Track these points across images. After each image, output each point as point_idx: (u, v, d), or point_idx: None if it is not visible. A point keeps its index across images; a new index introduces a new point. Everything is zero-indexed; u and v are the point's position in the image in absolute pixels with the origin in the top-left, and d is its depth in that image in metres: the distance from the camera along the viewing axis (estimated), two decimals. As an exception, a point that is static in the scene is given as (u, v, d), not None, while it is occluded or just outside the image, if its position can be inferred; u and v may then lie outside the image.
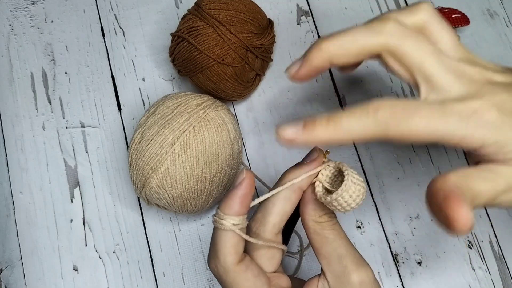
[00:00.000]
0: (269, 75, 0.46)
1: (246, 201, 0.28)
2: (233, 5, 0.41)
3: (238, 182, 0.28)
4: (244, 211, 0.28)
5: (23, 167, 0.45)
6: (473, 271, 0.41)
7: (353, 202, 0.28)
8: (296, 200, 0.30)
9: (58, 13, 0.49)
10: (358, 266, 0.28)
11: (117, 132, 0.46)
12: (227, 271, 0.27)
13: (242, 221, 0.27)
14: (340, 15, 0.48)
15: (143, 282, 0.42)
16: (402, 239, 0.42)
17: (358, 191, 0.28)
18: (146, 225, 0.43)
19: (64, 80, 0.47)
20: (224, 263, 0.27)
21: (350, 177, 0.28)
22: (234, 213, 0.27)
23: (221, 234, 0.27)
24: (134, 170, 0.39)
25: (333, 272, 0.29)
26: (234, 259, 0.27)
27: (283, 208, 0.29)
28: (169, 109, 0.38)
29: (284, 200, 0.29)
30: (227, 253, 0.27)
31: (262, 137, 0.45)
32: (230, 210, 0.27)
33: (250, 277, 0.28)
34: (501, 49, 0.47)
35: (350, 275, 0.28)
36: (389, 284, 0.41)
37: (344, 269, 0.28)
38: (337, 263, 0.28)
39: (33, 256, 0.43)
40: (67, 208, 0.44)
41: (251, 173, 0.28)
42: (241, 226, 0.27)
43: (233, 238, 0.27)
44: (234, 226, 0.27)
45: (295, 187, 0.29)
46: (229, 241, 0.27)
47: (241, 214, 0.27)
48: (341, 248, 0.29)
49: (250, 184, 0.28)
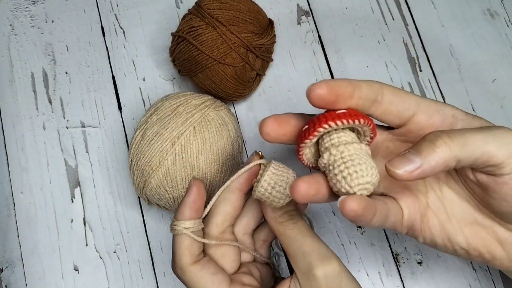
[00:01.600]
0: (269, 75, 0.46)
1: (195, 206, 0.31)
2: (233, 5, 0.41)
3: (187, 191, 0.31)
4: (194, 215, 0.30)
5: (23, 167, 0.45)
6: (474, 271, 0.41)
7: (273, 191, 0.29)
8: (236, 201, 0.32)
9: (58, 13, 0.49)
10: (323, 261, 0.29)
11: (118, 132, 0.46)
12: (184, 272, 0.30)
13: (194, 224, 0.30)
14: (341, 15, 0.48)
15: (143, 282, 0.42)
16: (403, 239, 0.42)
17: (280, 181, 0.29)
18: (146, 225, 0.43)
19: (64, 80, 0.47)
20: (180, 264, 0.30)
21: (270, 168, 0.29)
22: (185, 218, 0.30)
23: (175, 238, 0.30)
24: (134, 170, 0.39)
25: (300, 269, 0.30)
26: (189, 259, 0.30)
27: (223, 208, 0.32)
28: (169, 109, 0.39)
29: (224, 202, 0.32)
30: (181, 254, 0.30)
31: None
32: (181, 215, 0.30)
33: (206, 275, 0.30)
34: (501, 49, 0.47)
35: (315, 270, 0.29)
36: (390, 284, 0.41)
37: (309, 266, 0.29)
38: (302, 260, 0.29)
39: (34, 256, 0.43)
40: (67, 208, 0.44)
41: (199, 180, 0.31)
42: (192, 229, 0.30)
43: (186, 241, 0.30)
44: (185, 230, 0.30)
45: (233, 189, 0.32)
46: (182, 244, 0.30)
47: (192, 218, 0.30)
48: (305, 246, 0.30)
49: (198, 190, 0.31)
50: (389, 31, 0.47)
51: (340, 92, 0.27)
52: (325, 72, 0.47)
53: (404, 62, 0.47)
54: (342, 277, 0.29)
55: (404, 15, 0.48)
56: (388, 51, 0.47)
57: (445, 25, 0.48)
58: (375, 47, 0.47)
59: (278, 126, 0.29)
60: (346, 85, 0.27)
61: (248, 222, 0.33)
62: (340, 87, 0.27)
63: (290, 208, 0.31)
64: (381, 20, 0.48)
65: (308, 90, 0.27)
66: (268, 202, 0.30)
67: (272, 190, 0.29)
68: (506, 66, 0.46)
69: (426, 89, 0.46)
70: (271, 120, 0.29)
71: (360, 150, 0.27)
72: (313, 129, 0.27)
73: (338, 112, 0.27)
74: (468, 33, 0.47)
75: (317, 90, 0.26)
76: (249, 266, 0.34)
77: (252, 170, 0.31)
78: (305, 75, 0.47)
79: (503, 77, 0.46)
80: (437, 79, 0.46)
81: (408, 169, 0.25)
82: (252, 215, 0.33)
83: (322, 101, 0.27)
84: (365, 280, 0.41)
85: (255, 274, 0.33)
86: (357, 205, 0.25)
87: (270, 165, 0.30)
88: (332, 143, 0.27)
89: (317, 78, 0.46)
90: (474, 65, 0.46)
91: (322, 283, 0.29)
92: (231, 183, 0.32)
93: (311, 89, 0.27)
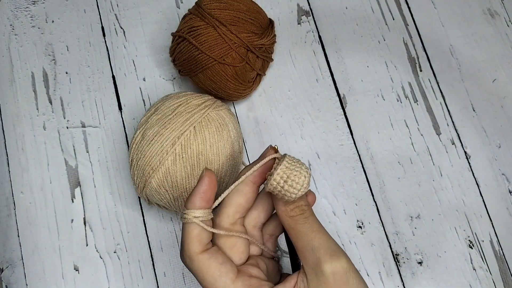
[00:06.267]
0: (269, 75, 0.46)
1: (206, 196, 0.30)
2: (233, 5, 0.41)
3: (199, 180, 0.31)
4: (205, 205, 0.30)
5: (24, 167, 0.45)
6: (474, 271, 0.41)
7: (286, 185, 0.29)
8: (249, 193, 0.32)
9: (58, 13, 0.49)
10: (332, 257, 0.29)
11: (118, 132, 0.46)
12: (192, 260, 0.30)
13: (204, 214, 0.30)
14: (341, 15, 0.48)
15: (143, 282, 0.42)
16: (403, 239, 0.42)
17: (294, 176, 0.29)
18: (146, 225, 0.43)
19: (64, 80, 0.47)
20: (189, 252, 0.30)
21: (284, 162, 0.29)
22: (195, 207, 0.30)
23: (185, 226, 0.30)
24: (134, 170, 0.39)
25: (308, 264, 0.30)
26: (197, 248, 0.30)
27: (235, 200, 0.32)
28: (169, 109, 0.39)
29: (237, 193, 0.32)
30: (190, 243, 0.30)
31: (262, 136, 0.45)
32: (192, 204, 0.30)
33: (214, 264, 0.30)
34: (501, 49, 0.47)
35: (323, 266, 0.29)
36: (390, 284, 0.41)
37: (317, 261, 0.29)
38: (311, 255, 0.29)
39: (34, 256, 0.43)
40: (68, 208, 0.44)
41: (211, 171, 0.31)
42: (202, 219, 0.30)
43: (195, 229, 0.30)
44: (195, 219, 0.30)
45: (247, 181, 0.32)
46: (192, 232, 0.30)
47: (202, 207, 0.30)
48: (315, 241, 0.30)
49: (209, 181, 0.31)
50: (389, 31, 0.47)
51: None
52: (325, 72, 0.47)
53: (404, 62, 0.47)
54: (350, 275, 0.29)
55: (405, 15, 0.48)
56: (388, 51, 0.47)
57: (445, 25, 0.48)
58: (375, 47, 0.47)
59: None
60: None
61: (258, 215, 0.33)
62: None
63: (302, 203, 0.31)
64: (381, 20, 0.48)
65: None
66: (280, 195, 0.30)
67: (284, 184, 0.29)
68: (506, 66, 0.46)
69: (426, 89, 0.46)
70: None
71: None
72: None
73: None
74: (468, 33, 0.47)
75: None
76: (257, 259, 0.34)
77: (268, 164, 0.31)
78: (305, 75, 0.47)
79: (503, 77, 0.46)
80: (437, 79, 0.46)
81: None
82: (263, 208, 0.33)
83: None
84: (365, 280, 0.41)
85: (262, 268, 0.33)
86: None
87: (284, 159, 0.30)
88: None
89: (317, 78, 0.46)
90: (474, 65, 0.46)
91: (330, 279, 0.29)
92: (247, 176, 0.32)
93: None
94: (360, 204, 0.43)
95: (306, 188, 0.29)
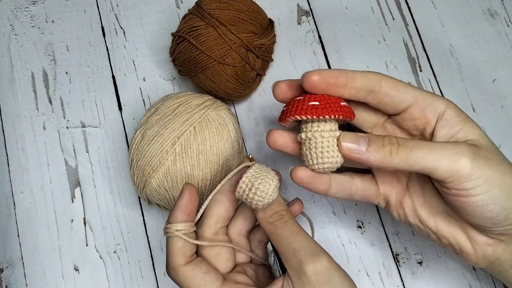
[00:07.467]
0: (269, 75, 0.46)
1: (187, 209, 0.31)
2: (233, 5, 0.41)
3: (179, 195, 0.32)
4: (186, 218, 0.31)
5: (24, 167, 0.45)
6: (474, 271, 0.41)
7: (250, 193, 0.30)
8: (228, 202, 0.33)
9: (58, 13, 0.49)
10: (312, 257, 0.30)
11: (118, 132, 0.46)
12: (177, 272, 0.30)
13: (186, 227, 0.31)
14: (341, 15, 0.48)
15: (143, 282, 0.42)
16: (403, 239, 0.42)
17: (258, 184, 0.30)
18: (146, 225, 0.44)
19: (64, 80, 0.47)
20: (173, 265, 0.31)
21: (250, 170, 0.30)
22: (177, 221, 0.31)
23: (168, 240, 0.31)
24: (134, 170, 0.39)
25: (291, 267, 0.30)
26: (181, 260, 0.31)
27: (215, 210, 0.33)
28: (169, 109, 0.39)
29: (216, 203, 0.33)
30: (174, 256, 0.31)
31: (262, 137, 0.45)
32: (173, 218, 0.31)
33: (199, 274, 0.30)
34: (501, 49, 0.47)
35: (304, 267, 0.29)
36: (390, 284, 0.41)
37: (299, 263, 0.30)
38: (292, 258, 0.30)
39: (34, 256, 0.43)
40: (67, 208, 0.44)
41: (191, 185, 0.32)
42: (184, 232, 0.31)
43: (178, 243, 0.31)
44: (178, 232, 0.30)
45: (224, 191, 0.33)
46: (175, 245, 0.31)
47: (183, 221, 0.31)
48: (295, 243, 0.30)
49: (189, 194, 0.32)
50: (389, 31, 0.47)
51: (330, 82, 0.30)
52: (325, 72, 0.47)
53: (404, 62, 0.47)
54: (332, 273, 0.30)
55: (404, 15, 0.48)
56: (388, 51, 0.47)
57: (445, 25, 0.48)
58: (375, 47, 0.47)
59: (289, 90, 0.32)
60: (337, 75, 0.30)
61: (242, 223, 0.34)
62: (331, 77, 0.29)
63: (280, 208, 0.32)
64: (381, 20, 0.48)
65: (302, 76, 0.30)
66: (247, 202, 0.31)
67: (249, 192, 0.30)
68: (506, 66, 0.46)
69: (426, 88, 0.46)
70: (283, 84, 0.32)
71: (329, 137, 0.30)
72: (288, 115, 0.31)
73: (312, 104, 0.30)
74: (468, 33, 0.47)
75: (310, 77, 0.29)
76: (244, 266, 0.34)
77: (242, 172, 0.32)
78: (305, 75, 0.47)
79: (503, 77, 0.46)
80: (437, 79, 0.46)
81: (350, 147, 0.30)
82: (246, 216, 0.34)
83: (313, 88, 0.30)
84: (365, 280, 0.41)
85: (249, 274, 0.34)
86: (303, 176, 0.31)
87: (251, 167, 0.31)
88: (307, 126, 0.31)
89: (317, 78, 0.46)
90: (474, 65, 0.46)
91: (312, 278, 0.29)
92: (223, 186, 0.33)
93: (305, 76, 0.30)
94: (360, 204, 0.43)
95: (272, 196, 0.30)
